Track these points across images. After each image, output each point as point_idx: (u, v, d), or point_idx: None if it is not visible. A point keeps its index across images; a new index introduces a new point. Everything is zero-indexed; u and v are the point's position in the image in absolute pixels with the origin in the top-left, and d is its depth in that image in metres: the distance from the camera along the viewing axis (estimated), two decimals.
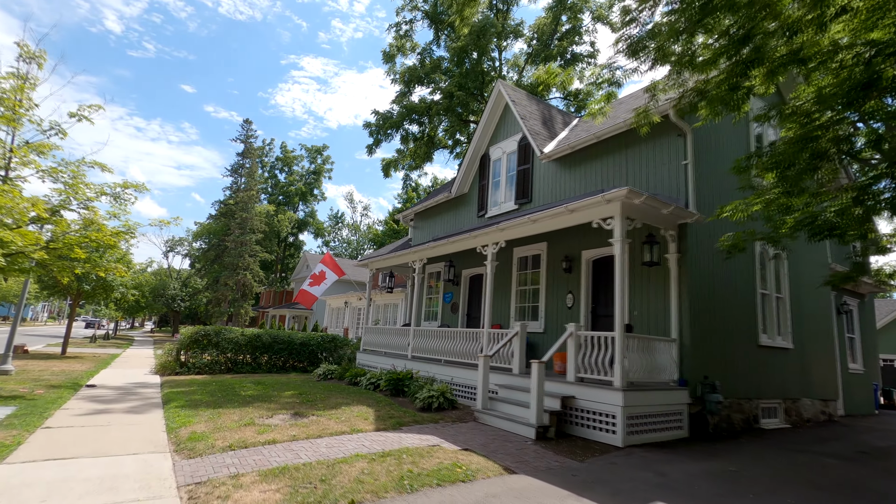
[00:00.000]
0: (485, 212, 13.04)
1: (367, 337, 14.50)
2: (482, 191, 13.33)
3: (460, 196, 14.28)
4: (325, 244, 63.11)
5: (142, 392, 10.76)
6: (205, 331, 15.76)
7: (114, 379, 12.80)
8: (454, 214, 14.55)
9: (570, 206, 7.59)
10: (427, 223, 16.01)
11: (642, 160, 9.10)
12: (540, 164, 11.52)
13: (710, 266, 8.41)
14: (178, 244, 61.14)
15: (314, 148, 58.92)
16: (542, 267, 10.86)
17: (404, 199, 48.27)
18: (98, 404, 8.98)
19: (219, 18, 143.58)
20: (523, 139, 12.07)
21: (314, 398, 9.84)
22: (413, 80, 26.06)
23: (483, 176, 13.39)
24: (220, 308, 40.30)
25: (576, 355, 7.50)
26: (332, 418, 7.79)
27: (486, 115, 13.28)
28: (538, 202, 11.42)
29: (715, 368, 8.08)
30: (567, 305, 10.05)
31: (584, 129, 11.07)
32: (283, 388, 11.54)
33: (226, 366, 15.98)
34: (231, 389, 11.08)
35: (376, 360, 13.42)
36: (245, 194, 42.49)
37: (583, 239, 9.96)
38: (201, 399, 9.50)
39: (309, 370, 17.23)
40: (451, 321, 13.67)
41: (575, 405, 7.26)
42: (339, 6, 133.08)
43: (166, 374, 14.50)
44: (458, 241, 10.43)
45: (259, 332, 16.74)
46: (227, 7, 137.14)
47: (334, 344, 18.26)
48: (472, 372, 9.59)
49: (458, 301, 13.58)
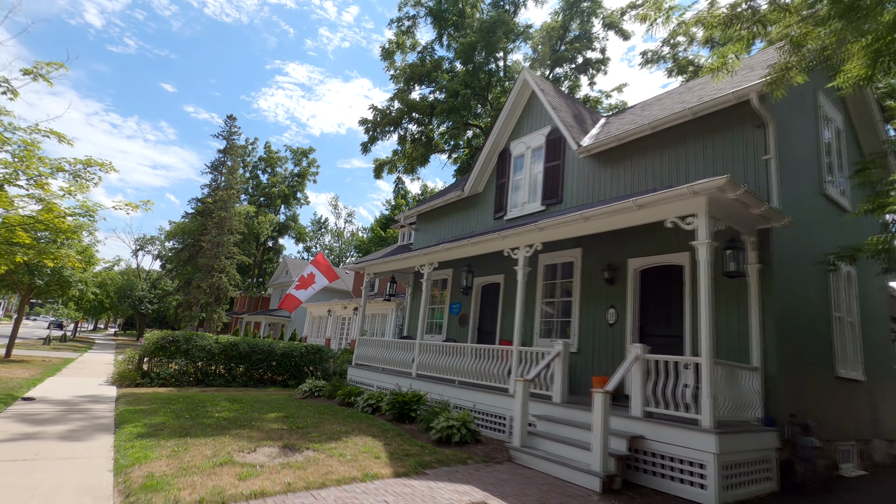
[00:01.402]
0: (503, 213, 11.61)
1: (360, 350, 12.80)
2: (500, 190, 11.92)
3: (473, 196, 12.84)
4: (306, 249, 60.80)
5: (91, 409, 8.85)
6: (173, 336, 13.80)
7: (60, 390, 10.78)
8: (464, 216, 13.08)
9: (639, 200, 6.21)
10: (432, 226, 14.49)
11: (707, 155, 7.83)
12: (574, 160, 10.18)
13: (789, 281, 7.12)
14: (148, 243, 58.08)
15: (300, 150, 56.90)
16: (575, 277, 9.45)
17: (392, 206, 46.60)
18: (30, 426, 7.10)
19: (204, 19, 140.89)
20: (553, 132, 10.74)
21: (305, 423, 8.12)
22: (413, 78, 24.71)
23: (502, 174, 12.00)
24: (191, 312, 37.71)
25: (643, 384, 6.04)
26: (334, 455, 6.12)
27: (507, 106, 11.94)
28: (570, 203, 10.06)
29: (801, 404, 6.74)
30: (608, 322, 8.63)
31: (627, 122, 9.79)
32: (264, 407, 9.76)
33: (195, 377, 14.02)
34: (201, 408, 9.25)
35: (372, 377, 11.74)
36: (225, 193, 40.25)
37: (629, 245, 8.61)
38: (164, 422, 7.69)
39: (290, 385, 15.37)
40: (459, 335, 12.11)
41: (644, 447, 5.79)
42: (327, 15, 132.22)
43: (125, 386, 12.49)
44: (481, 242, 8.95)
45: (235, 340, 14.84)
46: (213, 8, 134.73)
47: (319, 356, 16.44)
48: (498, 398, 8.04)
49: (468, 313, 12.04)
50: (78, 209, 9.02)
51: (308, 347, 16.26)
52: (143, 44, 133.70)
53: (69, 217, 8.85)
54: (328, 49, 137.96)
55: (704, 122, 7.88)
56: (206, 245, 38.43)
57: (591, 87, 23.36)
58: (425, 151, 25.28)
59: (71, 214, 8.86)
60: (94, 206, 9.22)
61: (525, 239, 8.15)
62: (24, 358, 17.60)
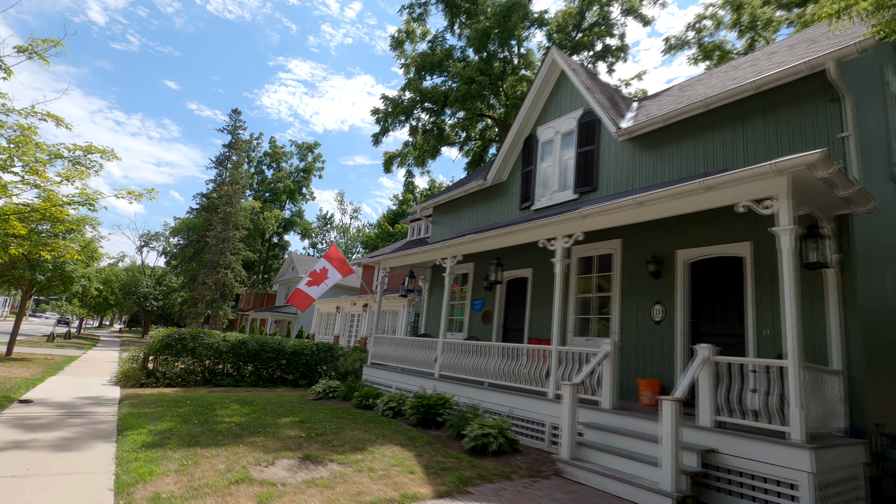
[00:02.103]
0: (530, 203, 10.86)
1: (376, 348, 12.11)
2: (526, 179, 11.17)
3: (497, 185, 12.09)
4: (312, 246, 60.13)
5: (92, 413, 8.20)
6: (179, 334, 13.16)
7: (60, 390, 10.15)
8: (486, 207, 12.34)
9: (708, 181, 5.46)
10: (450, 218, 13.76)
11: (771, 133, 7.06)
12: (611, 144, 9.42)
13: (871, 273, 6.36)
14: (153, 239, 57.62)
15: (305, 145, 56.18)
16: (614, 270, 8.71)
17: (400, 201, 45.80)
18: (24, 432, 6.44)
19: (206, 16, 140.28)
20: (586, 115, 9.98)
21: (324, 429, 7.43)
22: (425, 67, 23.88)
23: (528, 161, 11.24)
24: (196, 309, 37.14)
25: (713, 390, 5.31)
26: (363, 469, 5.43)
27: (534, 89, 11.17)
28: (606, 191, 9.31)
29: (887, 412, 5.99)
30: (654, 319, 7.89)
31: (670, 103, 9.02)
32: (277, 410, 9.09)
33: (202, 376, 13.38)
34: (211, 411, 8.59)
35: (390, 378, 11.05)
36: (230, 188, 39.59)
37: (678, 235, 7.86)
38: (171, 428, 7.02)
39: (301, 384, 14.73)
40: (482, 333, 11.40)
41: (718, 463, 5.07)
42: (329, 11, 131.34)
43: (129, 386, 11.87)
44: (513, 233, 8.21)
45: (244, 338, 14.19)
46: (216, 5, 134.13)
47: (330, 354, 15.78)
48: (535, 402, 7.33)
49: (492, 310, 11.32)
50: (77, 197, 8.35)
51: (319, 346, 15.61)
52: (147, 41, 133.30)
53: (68, 206, 8.17)
54: (331, 45, 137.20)
55: (769, 97, 7.12)
56: (212, 241, 37.83)
57: (611, 74, 22.60)
58: (436, 143, 24.49)
59: (69, 203, 8.19)
60: (95, 193, 8.54)
61: (565, 228, 7.41)
62: (25, 356, 17.02)
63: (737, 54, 20.79)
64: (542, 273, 10.20)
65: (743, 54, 20.16)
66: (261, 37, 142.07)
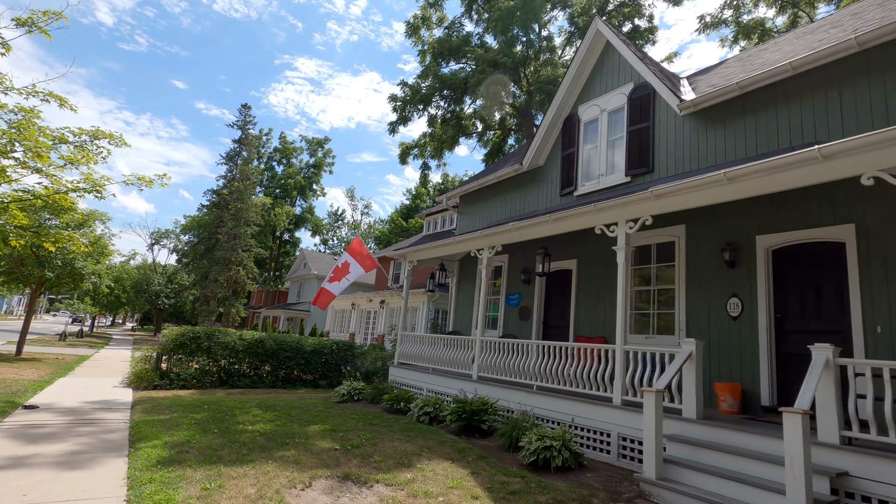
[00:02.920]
0: (573, 188, 9.94)
1: (404, 347, 11.29)
2: (567, 162, 10.25)
3: (533, 171, 11.17)
4: (323, 242, 59.51)
5: (102, 420, 7.45)
6: (193, 332, 12.44)
7: (70, 394, 9.46)
8: (521, 194, 11.43)
9: (826, 148, 4.53)
10: (478, 208, 12.87)
11: (877, 97, 6.09)
12: (670, 120, 8.48)
13: None
14: (163, 237, 57.37)
15: (315, 140, 55.46)
16: (677, 260, 7.79)
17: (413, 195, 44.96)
18: (25, 445, 5.69)
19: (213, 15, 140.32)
20: (638, 89, 9.03)
21: (359, 440, 6.62)
22: (443, 53, 22.90)
23: (569, 143, 10.32)
24: (208, 307, 36.63)
25: (838, 400, 4.40)
26: (417, 493, 4.60)
27: (574, 65, 10.23)
28: (665, 172, 8.37)
29: None
30: (729, 314, 6.96)
31: (743, 70, 8.05)
32: (303, 416, 8.30)
33: (218, 377, 12.67)
34: (231, 418, 7.82)
35: (419, 379, 10.22)
36: (241, 184, 38.98)
37: (756, 219, 6.93)
38: (189, 439, 6.24)
39: (321, 385, 13.98)
40: (519, 331, 10.53)
41: (852, 487, 4.17)
42: (335, 8, 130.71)
43: (142, 388, 11.17)
44: (565, 218, 7.32)
45: (261, 337, 13.46)
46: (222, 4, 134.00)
47: (351, 353, 15.02)
48: (596, 409, 6.46)
49: (530, 305, 10.44)
50: (82, 183, 7.59)
51: (339, 344, 14.84)
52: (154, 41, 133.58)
53: (73, 193, 7.41)
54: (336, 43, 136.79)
55: (875, 56, 6.15)
56: (223, 237, 37.26)
57: None
58: (455, 133, 23.57)
59: (74, 189, 7.44)
60: (102, 179, 7.77)
61: (630, 211, 6.50)
62: (35, 356, 16.45)
63: (777, 32, 19.67)
64: (590, 264, 9.30)
65: (785, 31, 19.04)
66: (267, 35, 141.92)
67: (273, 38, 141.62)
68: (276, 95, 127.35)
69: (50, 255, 15.35)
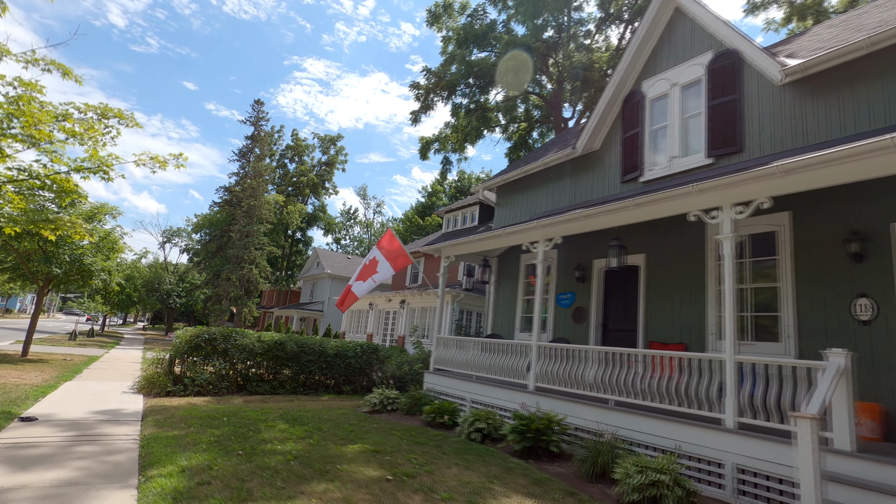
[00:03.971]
0: (637, 173, 8.78)
1: (441, 352, 10.18)
2: (629, 145, 9.09)
3: (586, 156, 10.01)
4: (335, 241, 58.63)
5: (108, 437, 6.42)
6: (209, 333, 11.43)
7: (74, 402, 8.47)
8: (573, 182, 10.27)
9: None
10: (520, 198, 11.73)
11: None
12: (763, 91, 7.29)
13: None
14: (175, 235, 56.89)
15: (327, 137, 54.56)
16: (781, 252, 6.61)
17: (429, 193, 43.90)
18: (13, 472, 4.66)
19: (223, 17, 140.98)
20: (720, 58, 7.85)
21: (410, 466, 5.52)
22: (469, 40, 21.72)
23: (631, 124, 9.15)
24: (220, 306, 35.82)
25: None
26: None
27: (638, 35, 9.06)
28: (757, 151, 7.19)
29: None
30: (858, 318, 5.77)
31: (856, 28, 6.86)
32: (335, 431, 7.22)
33: (235, 382, 11.65)
34: (255, 434, 6.76)
35: (462, 388, 9.11)
36: (253, 181, 38.15)
37: (887, 203, 5.73)
38: (210, 463, 5.18)
39: (345, 391, 12.93)
40: (573, 334, 9.37)
41: None
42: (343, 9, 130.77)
43: (153, 395, 10.18)
44: (649, 203, 6.17)
45: (281, 339, 12.43)
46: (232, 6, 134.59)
47: (376, 356, 13.95)
48: (701, 432, 5.31)
49: (586, 306, 9.28)
50: (87, 162, 6.58)
51: (363, 346, 13.77)
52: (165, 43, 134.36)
53: (76, 174, 6.42)
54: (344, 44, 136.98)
55: None
56: (235, 235, 36.44)
57: None
58: (479, 125, 22.45)
59: (78, 169, 6.43)
60: (109, 157, 6.75)
61: (739, 193, 5.35)
62: (42, 356, 15.59)
63: (835, 13, 18.33)
64: (663, 259, 8.13)
65: (841, 12, 17.71)
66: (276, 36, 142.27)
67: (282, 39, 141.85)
68: (286, 96, 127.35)
69: (57, 251, 14.46)
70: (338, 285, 37.03)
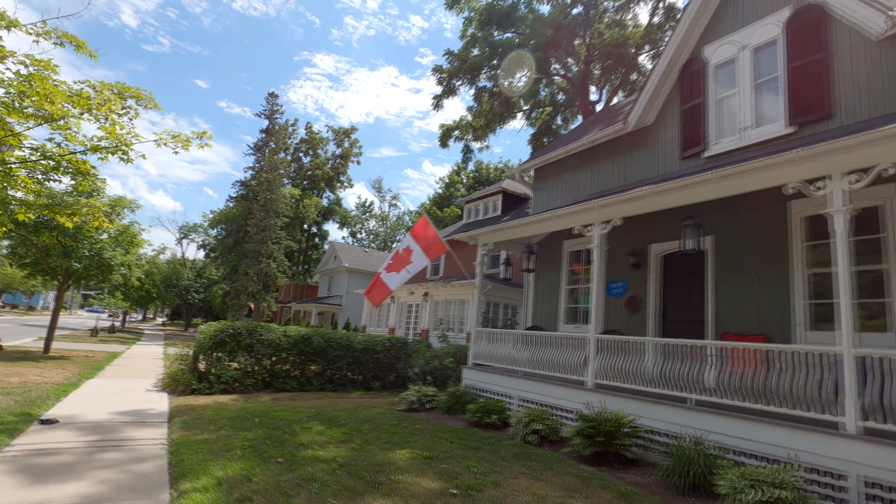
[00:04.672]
0: (700, 147, 7.95)
1: (480, 346, 9.52)
2: (689, 117, 8.25)
3: (638, 132, 9.18)
4: (351, 235, 58.25)
5: (133, 441, 5.87)
6: (234, 328, 10.91)
7: (96, 401, 7.98)
8: (620, 161, 9.47)
9: None
10: (559, 181, 10.95)
11: None
12: (857, 47, 6.41)
13: None
14: (192, 231, 57.04)
15: (341, 130, 53.96)
16: (888, 229, 5.77)
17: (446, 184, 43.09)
18: (28, 485, 4.10)
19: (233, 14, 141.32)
20: (801, 14, 6.96)
21: (471, 476, 4.86)
22: (491, 21, 20.79)
23: (692, 93, 8.30)
24: (238, 301, 35.59)
25: None
26: None
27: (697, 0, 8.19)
28: (853, 116, 6.33)
29: None
30: None
31: None
32: (378, 434, 6.60)
33: (262, 379, 11.14)
34: (291, 437, 6.17)
35: (507, 385, 8.43)
36: (269, 174, 37.75)
37: None
38: (247, 473, 4.58)
39: (373, 387, 12.36)
40: (626, 325, 8.62)
41: None
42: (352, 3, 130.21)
43: (178, 393, 9.69)
44: (736, 175, 5.38)
45: (308, 333, 11.89)
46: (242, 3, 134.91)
47: (405, 351, 13.35)
48: (818, 439, 4.53)
49: (641, 295, 8.51)
50: (104, 140, 6.00)
51: (391, 341, 13.17)
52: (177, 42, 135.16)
53: (94, 153, 5.83)
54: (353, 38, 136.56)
55: None
56: (252, 229, 36.12)
57: None
58: (503, 110, 21.58)
59: (95, 149, 5.85)
60: (128, 135, 6.16)
61: (858, 158, 4.56)
62: (64, 353, 15.29)
63: None
64: (735, 241, 7.33)
65: None
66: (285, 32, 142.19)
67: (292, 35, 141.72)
68: (296, 92, 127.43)
69: (76, 245, 14.08)
70: (356, 279, 36.56)
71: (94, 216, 6.50)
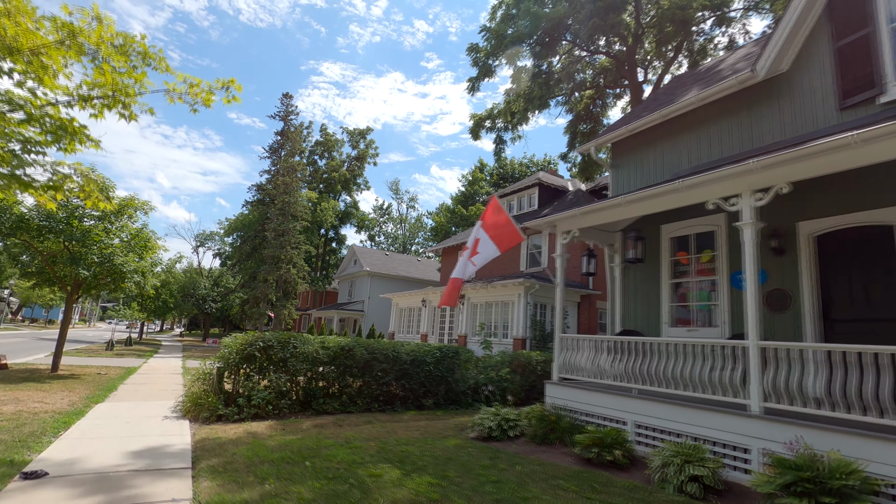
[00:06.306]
0: (874, 91, 6.06)
1: (568, 356, 7.69)
2: (849, 55, 6.38)
3: (769, 82, 7.30)
4: (370, 238, 56.69)
5: (143, 498, 4.17)
6: (264, 341, 9.23)
7: (102, 437, 6.33)
8: (744, 119, 7.57)
9: None
10: (648, 154, 9.10)
11: None
12: None
13: None
14: (208, 239, 56.03)
15: (356, 131, 52.50)
16: None
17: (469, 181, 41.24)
18: None
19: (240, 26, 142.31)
20: None
21: None
22: None
23: (848, 25, 6.44)
24: (258, 309, 34.14)
25: None
26: None
27: None
28: None
29: None
30: None
31: None
32: (475, 486, 4.83)
33: (298, 399, 9.46)
34: (361, 494, 4.43)
35: (612, 405, 6.60)
36: (286, 177, 36.35)
37: None
38: None
39: (426, 406, 10.61)
40: (771, 327, 6.72)
41: None
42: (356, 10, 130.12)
43: (201, 420, 8.05)
44: None
45: (348, 344, 10.17)
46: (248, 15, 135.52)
47: (457, 362, 11.59)
48: None
49: (791, 288, 6.64)
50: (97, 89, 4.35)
51: (443, 350, 11.39)
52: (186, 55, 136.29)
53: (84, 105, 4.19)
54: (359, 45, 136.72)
55: None
56: (270, 235, 34.70)
57: None
58: (541, 93, 19.73)
59: (85, 99, 4.22)
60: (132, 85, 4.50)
61: None
62: (74, 371, 13.82)
63: None
64: None
65: None
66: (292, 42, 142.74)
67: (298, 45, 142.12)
68: (304, 101, 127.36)
69: (84, 251, 12.60)
70: (377, 283, 34.92)
71: (84, 192, 4.82)
